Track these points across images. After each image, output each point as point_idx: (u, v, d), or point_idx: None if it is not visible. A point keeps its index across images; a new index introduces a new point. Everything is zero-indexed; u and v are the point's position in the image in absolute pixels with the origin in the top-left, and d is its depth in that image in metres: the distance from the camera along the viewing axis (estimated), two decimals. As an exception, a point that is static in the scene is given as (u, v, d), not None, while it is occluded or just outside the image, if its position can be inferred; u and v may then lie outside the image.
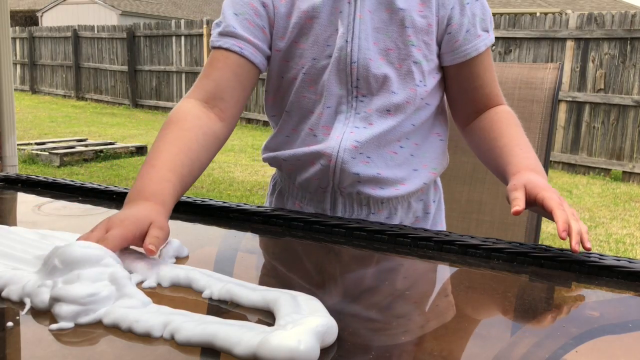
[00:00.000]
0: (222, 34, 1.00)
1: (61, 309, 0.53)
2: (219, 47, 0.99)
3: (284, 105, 1.06)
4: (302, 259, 0.81)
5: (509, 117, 1.04)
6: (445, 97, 1.10)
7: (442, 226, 1.15)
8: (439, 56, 1.03)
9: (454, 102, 1.09)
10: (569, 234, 0.76)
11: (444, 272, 0.77)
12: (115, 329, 0.53)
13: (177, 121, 0.93)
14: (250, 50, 0.99)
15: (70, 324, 0.53)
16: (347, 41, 0.98)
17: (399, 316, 0.61)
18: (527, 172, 0.91)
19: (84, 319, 0.54)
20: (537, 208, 0.85)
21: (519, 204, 0.82)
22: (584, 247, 0.76)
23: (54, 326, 0.53)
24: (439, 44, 1.02)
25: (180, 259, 0.73)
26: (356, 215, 1.04)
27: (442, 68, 1.05)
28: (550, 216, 0.81)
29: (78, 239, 0.67)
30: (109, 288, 0.56)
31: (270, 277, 0.74)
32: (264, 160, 1.11)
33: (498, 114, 1.04)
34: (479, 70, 1.04)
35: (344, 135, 1.00)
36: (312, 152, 1.01)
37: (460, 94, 1.07)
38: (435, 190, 1.12)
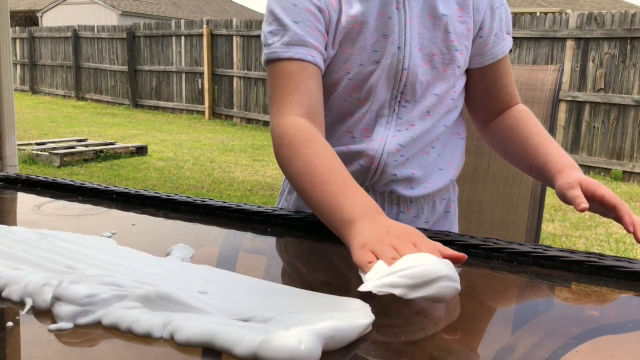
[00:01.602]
0: (290, 44, 0.96)
1: (60, 308, 0.54)
2: (290, 59, 0.96)
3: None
4: (302, 259, 0.81)
5: (530, 116, 1.09)
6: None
7: (456, 225, 1.17)
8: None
9: (476, 102, 1.12)
10: (635, 228, 0.81)
11: (444, 272, 0.77)
12: (115, 329, 0.53)
13: (312, 139, 0.89)
14: (319, 58, 0.97)
15: (69, 325, 0.53)
16: (399, 48, 0.98)
17: (399, 316, 0.61)
18: (571, 170, 0.95)
19: (83, 320, 0.54)
20: (596, 205, 0.88)
21: (583, 201, 0.85)
22: None
23: (53, 326, 0.53)
24: (470, 47, 1.05)
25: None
26: (387, 214, 1.01)
27: (466, 70, 1.07)
28: (609, 213, 0.85)
29: (365, 260, 0.65)
30: (109, 290, 0.56)
31: (271, 277, 0.74)
32: None
33: (521, 113, 1.08)
34: (503, 71, 1.09)
35: (387, 139, 1.01)
36: (353, 152, 1.02)
37: (484, 94, 1.10)
38: (454, 190, 1.14)
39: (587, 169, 6.54)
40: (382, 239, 0.67)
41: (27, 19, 22.97)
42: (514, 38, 6.88)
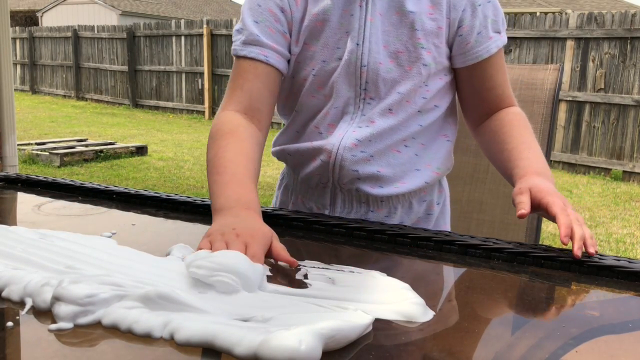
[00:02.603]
0: (246, 43, 1.00)
1: (60, 308, 0.54)
2: (244, 57, 1.00)
3: (294, 104, 1.07)
4: (302, 259, 0.81)
5: (519, 119, 1.05)
6: (456, 98, 1.10)
7: (445, 228, 1.14)
8: (450, 58, 1.04)
9: (465, 103, 1.09)
10: (572, 239, 0.76)
11: (444, 272, 0.77)
12: (115, 329, 0.53)
13: (231, 132, 0.95)
14: (275, 57, 1.01)
15: (69, 325, 0.53)
16: (357, 44, 0.99)
17: (399, 316, 0.61)
18: (533, 175, 0.91)
19: (83, 320, 0.54)
20: (542, 212, 0.86)
21: (524, 207, 0.82)
22: (587, 251, 0.76)
23: (53, 326, 0.53)
24: (450, 46, 1.03)
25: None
26: (355, 212, 1.05)
27: (453, 70, 1.05)
28: (555, 220, 0.81)
29: (203, 246, 0.71)
30: (109, 290, 0.56)
31: (270, 277, 0.74)
32: (273, 154, 1.13)
33: (508, 116, 1.05)
34: (491, 72, 1.05)
35: (346, 134, 1.01)
36: (314, 147, 1.03)
37: (472, 95, 1.07)
38: (440, 192, 1.11)
39: (587, 169, 6.54)
40: (223, 232, 0.73)
41: (27, 19, 22.97)
42: (514, 38, 6.89)
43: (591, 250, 0.76)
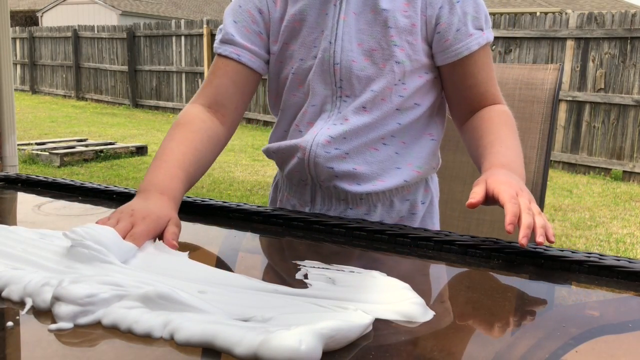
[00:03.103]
0: (222, 42, 1.05)
1: (60, 309, 0.54)
2: (220, 55, 1.05)
3: (280, 103, 1.10)
4: (302, 259, 0.81)
5: (500, 116, 1.03)
6: (444, 97, 1.10)
7: (433, 229, 1.13)
8: (432, 56, 1.03)
9: (450, 101, 1.09)
10: (521, 229, 0.75)
11: (444, 272, 0.77)
12: (115, 329, 0.53)
13: (185, 124, 1.00)
14: (248, 56, 1.05)
15: (69, 325, 0.53)
16: (330, 42, 1.01)
17: (399, 316, 0.61)
18: (496, 168, 0.91)
19: (82, 320, 0.54)
20: (496, 203, 0.83)
21: (474, 197, 0.81)
22: (535, 241, 0.75)
23: (53, 326, 0.53)
24: (430, 44, 1.02)
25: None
26: (334, 209, 1.06)
27: (437, 68, 1.05)
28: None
29: (100, 223, 0.76)
30: (109, 290, 0.56)
31: (270, 277, 0.74)
32: (263, 152, 1.15)
33: (489, 113, 1.04)
34: (473, 70, 1.03)
35: (320, 131, 1.02)
36: (291, 145, 1.05)
37: (455, 93, 1.07)
38: (425, 192, 1.11)
39: (587, 169, 6.54)
40: (122, 212, 0.79)
41: (27, 19, 22.97)
42: (514, 38, 6.89)
43: (539, 239, 0.74)
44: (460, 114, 1.09)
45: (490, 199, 0.83)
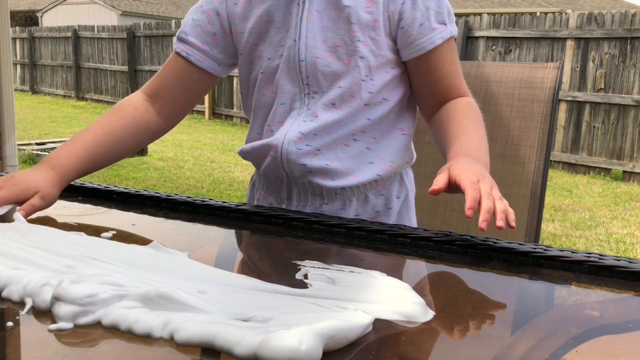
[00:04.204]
0: (178, 39, 1.11)
1: (60, 308, 0.54)
2: (175, 50, 1.11)
3: (252, 105, 1.12)
4: (302, 259, 0.81)
5: (465, 108, 1.04)
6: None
7: (409, 223, 1.14)
8: (398, 51, 1.04)
9: (417, 95, 1.11)
10: (480, 212, 0.76)
11: (444, 272, 0.77)
12: (115, 329, 0.53)
13: (117, 109, 1.09)
14: (197, 56, 1.09)
15: (69, 325, 0.53)
16: (295, 40, 1.02)
17: (399, 316, 0.61)
18: (460, 157, 0.91)
19: (82, 320, 0.54)
20: (458, 191, 0.83)
21: (437, 184, 0.83)
22: (496, 225, 0.75)
23: (53, 326, 0.53)
24: (395, 39, 1.03)
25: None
26: (310, 205, 1.07)
27: (403, 63, 1.06)
28: None
29: None
30: (109, 290, 0.56)
31: (271, 277, 0.74)
32: (238, 153, 1.17)
33: (454, 105, 1.05)
34: (437, 64, 1.04)
35: (290, 128, 1.03)
36: (264, 144, 1.06)
37: (421, 87, 1.08)
38: (400, 186, 1.11)
39: (587, 169, 6.54)
40: (3, 177, 0.92)
41: (27, 19, 22.97)
42: (514, 38, 6.89)
43: (499, 223, 0.75)
44: (427, 108, 1.10)
45: (453, 186, 0.84)
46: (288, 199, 1.09)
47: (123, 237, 0.82)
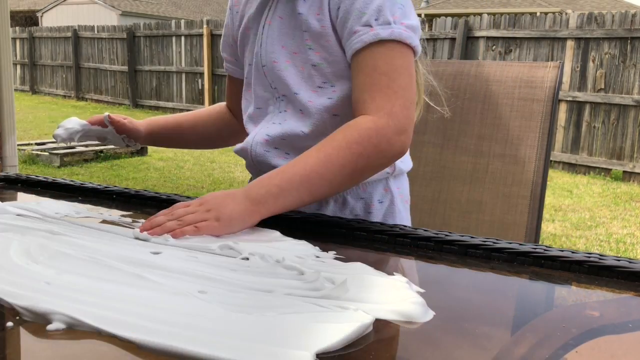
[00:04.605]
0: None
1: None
2: None
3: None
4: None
5: (333, 136, 0.91)
6: None
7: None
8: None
9: None
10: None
11: (444, 272, 0.77)
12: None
13: (205, 108, 1.31)
14: (231, 67, 1.21)
15: (63, 325, 0.53)
16: (260, 46, 1.06)
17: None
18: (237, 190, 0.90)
19: (82, 322, 0.53)
20: None
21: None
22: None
23: (52, 326, 0.53)
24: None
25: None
26: None
27: None
28: None
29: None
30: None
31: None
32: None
33: (333, 135, 0.92)
34: (354, 72, 0.96)
35: (259, 131, 1.06)
36: (241, 147, 1.10)
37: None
38: (385, 191, 1.09)
39: (587, 169, 6.54)
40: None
41: (27, 19, 22.97)
42: (514, 38, 6.89)
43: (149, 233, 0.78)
44: None
45: None
46: None
47: (123, 237, 0.82)
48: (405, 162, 1.12)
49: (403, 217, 1.13)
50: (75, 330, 0.53)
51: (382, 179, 1.08)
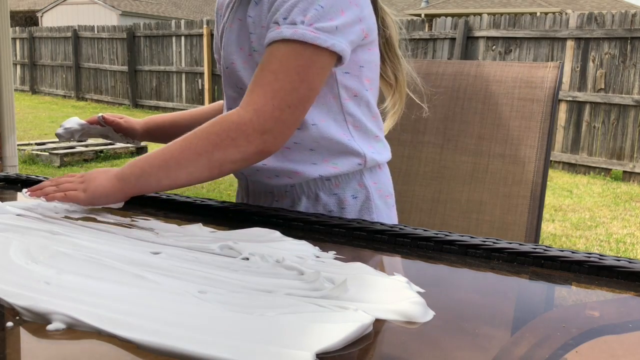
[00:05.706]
0: None
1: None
2: None
3: None
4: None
5: (201, 126, 0.93)
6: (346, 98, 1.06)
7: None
8: None
9: None
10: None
11: (444, 272, 0.77)
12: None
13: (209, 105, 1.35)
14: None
15: (63, 325, 0.53)
16: (223, 48, 1.09)
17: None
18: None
19: (81, 322, 0.53)
20: None
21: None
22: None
23: (52, 326, 0.53)
24: None
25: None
26: (263, 201, 1.12)
27: None
28: None
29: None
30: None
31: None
32: None
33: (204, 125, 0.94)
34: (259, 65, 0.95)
35: None
36: None
37: None
38: (359, 187, 1.08)
39: (587, 169, 6.54)
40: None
41: (27, 19, 22.97)
42: (514, 38, 6.89)
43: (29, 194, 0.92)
44: None
45: None
46: (247, 196, 1.15)
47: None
48: (379, 153, 1.10)
49: (382, 214, 1.11)
50: (75, 330, 0.53)
51: (354, 172, 1.08)
